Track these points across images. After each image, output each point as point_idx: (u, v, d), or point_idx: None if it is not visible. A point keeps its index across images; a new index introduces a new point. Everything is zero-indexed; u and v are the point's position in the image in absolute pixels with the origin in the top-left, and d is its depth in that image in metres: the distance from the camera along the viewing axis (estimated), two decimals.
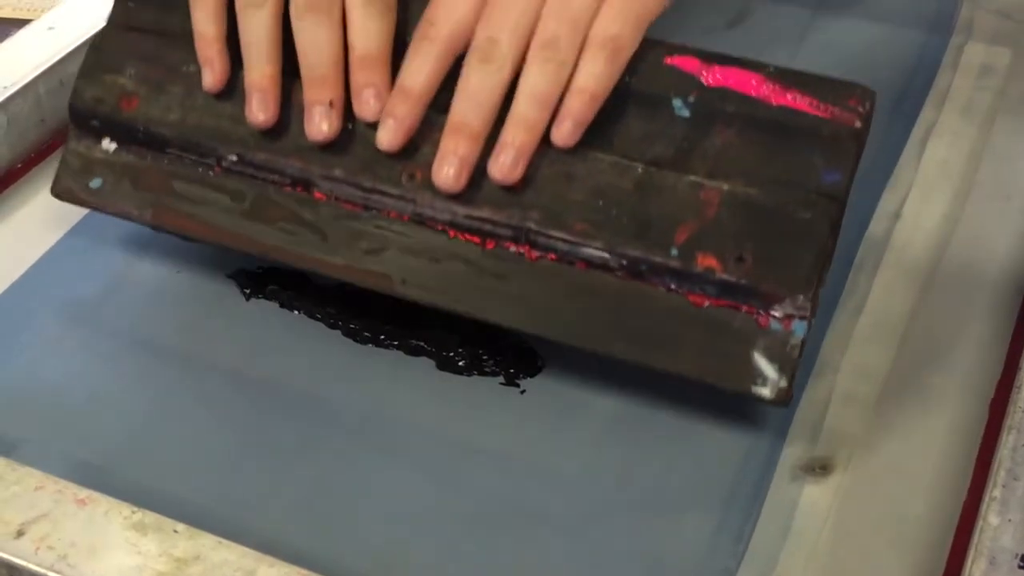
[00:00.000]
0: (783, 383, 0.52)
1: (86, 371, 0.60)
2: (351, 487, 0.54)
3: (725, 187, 0.53)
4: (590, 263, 0.54)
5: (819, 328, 0.60)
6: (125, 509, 0.50)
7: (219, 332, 0.61)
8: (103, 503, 0.50)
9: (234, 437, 0.56)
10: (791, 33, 0.80)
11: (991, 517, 0.49)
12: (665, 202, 0.53)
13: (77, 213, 0.67)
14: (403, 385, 0.58)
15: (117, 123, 0.61)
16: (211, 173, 0.59)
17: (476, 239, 0.56)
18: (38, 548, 0.48)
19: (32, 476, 0.51)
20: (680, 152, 0.54)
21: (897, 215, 0.67)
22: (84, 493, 0.50)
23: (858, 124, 0.53)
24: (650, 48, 0.55)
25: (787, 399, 0.52)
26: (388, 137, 0.54)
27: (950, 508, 0.53)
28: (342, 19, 0.55)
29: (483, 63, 0.51)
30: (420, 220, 0.56)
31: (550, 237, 0.54)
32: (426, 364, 0.59)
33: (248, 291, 0.63)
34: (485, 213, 0.55)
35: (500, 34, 0.51)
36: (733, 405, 0.56)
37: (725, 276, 0.52)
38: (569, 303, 0.55)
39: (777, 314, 0.52)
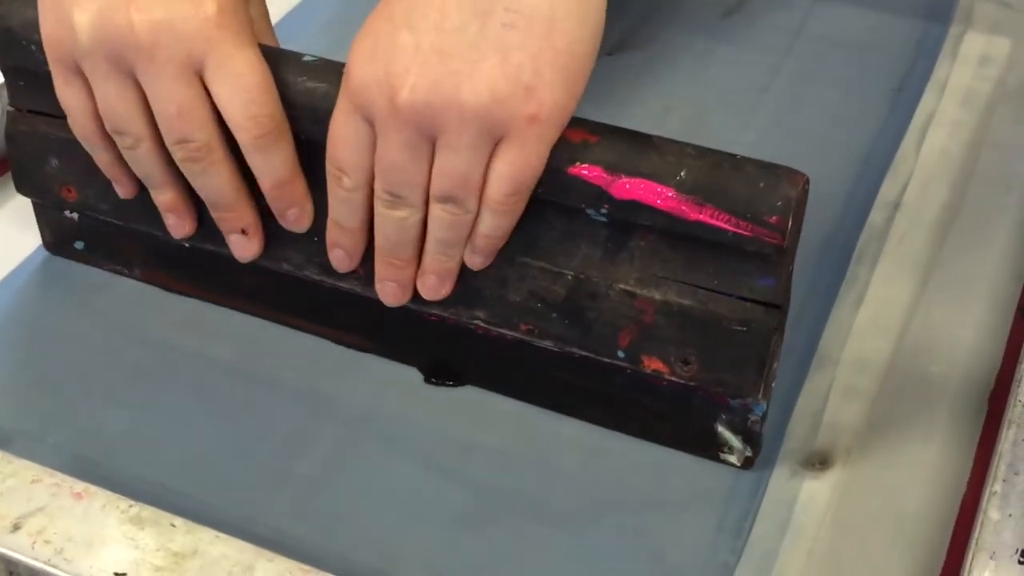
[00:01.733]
0: (748, 452, 0.54)
1: (83, 364, 0.59)
2: (350, 482, 0.54)
3: (657, 296, 0.51)
4: (546, 350, 0.54)
5: (818, 321, 0.60)
6: (122, 503, 0.49)
7: (217, 325, 0.61)
8: (100, 497, 0.50)
9: (232, 431, 0.56)
10: (789, 22, 0.80)
11: (991, 512, 0.49)
12: (602, 309, 0.52)
13: None
14: (402, 381, 0.58)
15: (68, 206, 0.61)
16: (176, 246, 0.59)
17: (435, 317, 0.56)
18: (35, 542, 0.48)
19: (29, 469, 0.51)
20: (606, 257, 0.51)
21: (897, 205, 0.66)
22: (81, 486, 0.50)
23: (782, 241, 0.48)
24: (554, 153, 0.49)
25: (752, 463, 0.54)
26: (342, 263, 0.55)
27: (950, 503, 0.53)
28: (228, 151, 0.53)
29: (391, 210, 0.51)
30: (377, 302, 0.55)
31: (501, 333, 0.55)
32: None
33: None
34: (435, 310, 0.55)
35: (399, 189, 0.50)
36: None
37: (674, 379, 0.52)
38: (534, 370, 0.56)
39: (734, 403, 0.53)
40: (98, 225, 0.61)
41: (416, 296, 0.54)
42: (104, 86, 0.52)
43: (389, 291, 0.54)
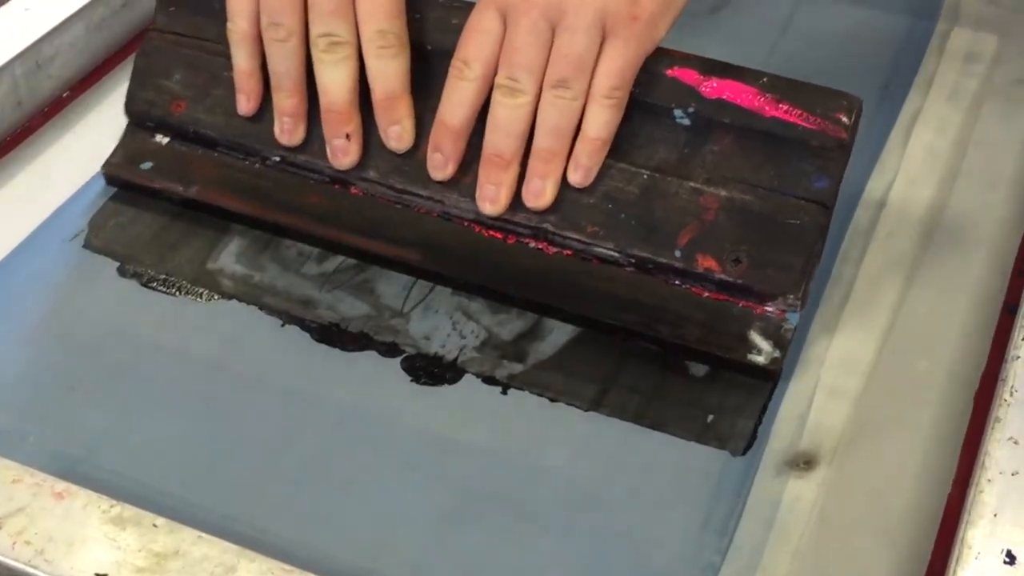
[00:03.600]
0: (776, 354, 0.57)
1: (64, 362, 0.59)
2: (334, 482, 0.54)
3: (723, 193, 0.57)
4: (602, 260, 0.59)
5: (804, 320, 0.60)
6: (104, 503, 0.49)
7: (200, 324, 0.61)
8: (81, 496, 0.49)
9: (215, 430, 0.56)
10: (776, 18, 0.79)
11: (977, 511, 0.49)
12: (668, 206, 0.58)
13: (55, 201, 0.66)
14: (386, 381, 0.58)
15: (168, 124, 0.66)
16: (256, 166, 0.64)
17: (499, 235, 0.61)
18: (15, 543, 0.48)
19: (9, 469, 0.50)
20: (681, 160, 0.58)
21: (883, 203, 0.66)
22: (62, 486, 0.50)
23: (845, 136, 0.57)
24: (654, 61, 0.58)
25: (778, 370, 0.57)
26: (439, 168, 0.61)
27: (935, 502, 0.52)
28: (358, 58, 0.61)
29: (508, 98, 0.58)
30: (447, 217, 0.61)
31: (566, 237, 0.59)
32: (408, 361, 0.59)
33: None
34: (507, 215, 0.60)
35: (519, 73, 0.58)
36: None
37: (723, 276, 0.57)
38: (583, 282, 0.59)
39: (770, 309, 0.57)
40: (178, 150, 0.66)
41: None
42: None
43: (490, 195, 0.59)
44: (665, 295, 0.58)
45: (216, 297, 0.62)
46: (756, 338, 0.57)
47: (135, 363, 0.59)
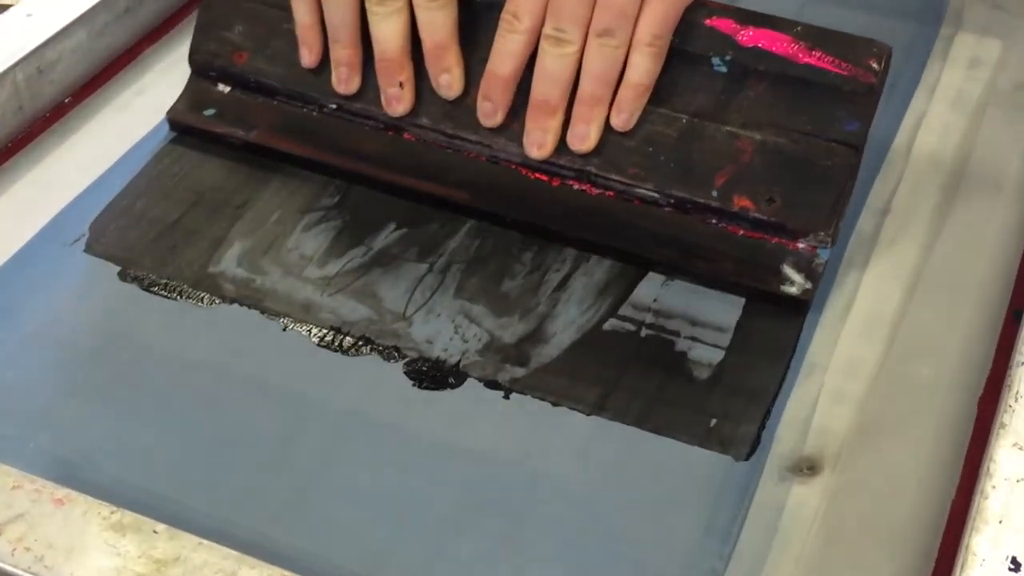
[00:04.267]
0: (808, 285, 0.60)
1: (64, 367, 0.59)
2: (334, 487, 0.54)
3: (757, 137, 0.61)
4: (643, 200, 0.62)
5: (808, 325, 0.60)
6: (104, 509, 0.49)
7: (201, 329, 0.60)
8: (81, 503, 0.49)
9: (216, 435, 0.56)
10: None
11: (981, 518, 0.48)
12: (706, 149, 0.62)
13: (56, 206, 0.66)
14: (387, 385, 0.58)
15: (230, 73, 0.70)
16: (314, 113, 0.68)
17: (544, 177, 0.64)
18: (15, 549, 0.47)
19: (9, 475, 0.50)
20: (718, 105, 0.62)
21: (886, 209, 0.66)
22: (62, 492, 0.49)
23: (874, 81, 0.60)
24: (692, 11, 0.62)
25: (809, 301, 0.60)
26: (488, 116, 0.64)
27: (939, 508, 0.52)
28: (409, 11, 0.64)
29: (556, 48, 0.61)
30: (495, 161, 0.65)
31: (608, 179, 0.63)
32: (410, 366, 0.58)
33: None
34: (552, 158, 0.63)
35: (566, 24, 0.61)
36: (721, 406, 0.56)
37: (758, 215, 0.60)
38: (625, 220, 0.63)
39: (802, 245, 0.60)
40: (240, 98, 0.70)
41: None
42: None
43: (537, 140, 0.63)
44: (702, 233, 0.61)
45: (217, 301, 0.61)
46: (789, 271, 0.60)
47: (136, 368, 0.59)
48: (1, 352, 0.60)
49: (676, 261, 0.62)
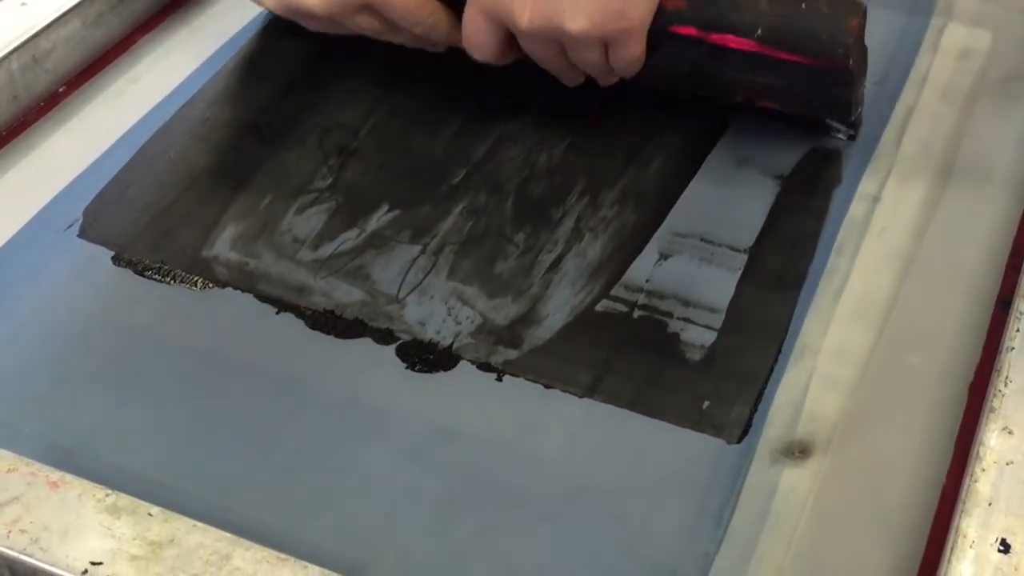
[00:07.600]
0: (852, 132, 0.69)
1: (59, 352, 0.59)
2: (327, 470, 0.54)
3: None
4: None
5: (799, 310, 0.60)
6: (99, 492, 0.49)
7: (194, 312, 0.60)
8: (76, 485, 0.49)
9: (209, 418, 0.56)
10: None
11: (971, 501, 0.49)
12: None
13: (51, 192, 0.66)
14: (381, 368, 0.58)
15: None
16: None
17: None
18: (10, 531, 0.47)
19: (4, 459, 0.50)
20: None
21: (877, 198, 0.66)
22: (57, 475, 0.50)
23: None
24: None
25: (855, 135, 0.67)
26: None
27: (930, 492, 0.53)
28: None
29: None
30: None
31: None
32: (403, 348, 0.59)
33: None
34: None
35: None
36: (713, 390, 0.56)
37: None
38: (687, 70, 0.67)
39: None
40: None
41: None
42: None
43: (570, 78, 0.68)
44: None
45: (211, 285, 0.62)
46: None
47: (130, 352, 0.59)
48: None
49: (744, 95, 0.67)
